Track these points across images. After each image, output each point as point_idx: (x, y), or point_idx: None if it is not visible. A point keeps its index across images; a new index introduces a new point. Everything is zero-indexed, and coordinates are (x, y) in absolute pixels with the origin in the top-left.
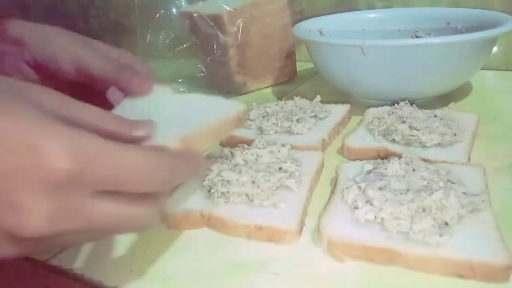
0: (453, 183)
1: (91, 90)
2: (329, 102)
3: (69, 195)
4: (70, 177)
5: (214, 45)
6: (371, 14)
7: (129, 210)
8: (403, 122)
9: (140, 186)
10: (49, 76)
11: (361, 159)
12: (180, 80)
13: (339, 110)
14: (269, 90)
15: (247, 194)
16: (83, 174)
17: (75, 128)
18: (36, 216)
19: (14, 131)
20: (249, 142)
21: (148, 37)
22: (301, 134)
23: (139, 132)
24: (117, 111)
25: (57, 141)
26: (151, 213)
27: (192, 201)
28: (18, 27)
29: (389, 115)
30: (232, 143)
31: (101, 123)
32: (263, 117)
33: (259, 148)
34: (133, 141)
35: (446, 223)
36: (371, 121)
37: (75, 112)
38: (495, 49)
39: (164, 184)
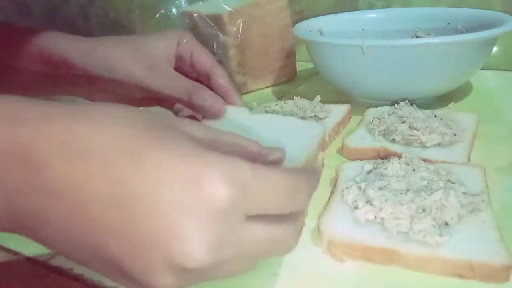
0: (453, 183)
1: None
2: (329, 102)
3: (227, 222)
4: (230, 204)
5: (214, 45)
6: (371, 14)
7: (277, 232)
8: (403, 122)
9: (287, 206)
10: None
11: (361, 159)
12: None
13: (339, 110)
14: (269, 90)
15: None
16: (241, 199)
17: (227, 155)
18: (199, 246)
19: (179, 162)
20: None
21: None
22: None
23: (275, 156)
24: None
25: (216, 169)
26: (295, 235)
27: None
28: (62, 44)
29: (389, 115)
30: None
31: (242, 148)
32: None
33: None
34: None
35: (446, 223)
36: (371, 121)
37: (218, 139)
38: (495, 49)
39: (304, 202)
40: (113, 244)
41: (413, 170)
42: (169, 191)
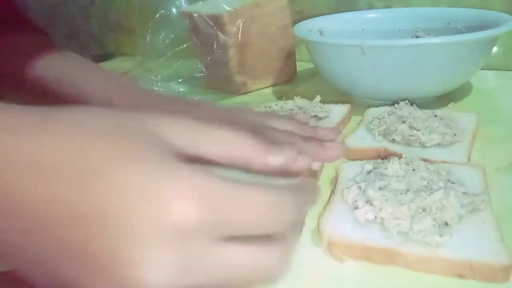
0: (453, 183)
1: None
2: (329, 102)
3: (193, 244)
4: (195, 225)
5: (214, 45)
6: (371, 14)
7: (258, 256)
8: (403, 122)
9: (268, 226)
10: None
11: (361, 159)
12: (180, 80)
13: (339, 110)
14: (269, 90)
15: None
16: (208, 219)
17: (200, 171)
18: (157, 271)
19: (140, 179)
20: None
21: (148, 37)
22: None
23: (275, 159)
24: None
25: (180, 187)
26: (281, 260)
27: None
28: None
29: (389, 115)
30: None
31: (234, 149)
32: None
33: None
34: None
35: (446, 223)
36: (371, 121)
37: (205, 142)
38: (495, 49)
39: (290, 224)
40: (71, 267)
41: (413, 170)
42: (126, 211)
